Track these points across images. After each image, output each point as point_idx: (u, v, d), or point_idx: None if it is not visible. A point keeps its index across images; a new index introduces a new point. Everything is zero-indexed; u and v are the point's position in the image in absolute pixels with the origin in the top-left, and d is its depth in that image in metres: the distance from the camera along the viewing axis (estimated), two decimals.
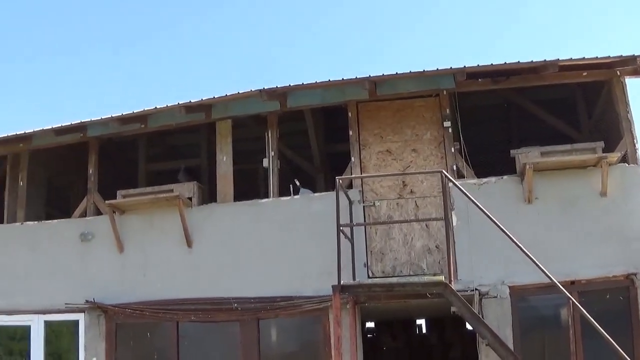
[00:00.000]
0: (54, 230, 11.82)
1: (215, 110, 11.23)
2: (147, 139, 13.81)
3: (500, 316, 9.37)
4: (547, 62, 9.64)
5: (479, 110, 12.41)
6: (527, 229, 9.47)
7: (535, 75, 10.14)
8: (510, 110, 13.01)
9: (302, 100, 10.90)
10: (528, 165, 9.44)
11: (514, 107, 12.76)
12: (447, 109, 10.45)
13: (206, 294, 10.47)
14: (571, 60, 9.68)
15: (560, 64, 9.70)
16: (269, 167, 10.95)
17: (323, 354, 9.83)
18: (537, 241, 9.35)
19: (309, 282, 10.03)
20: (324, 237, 9.90)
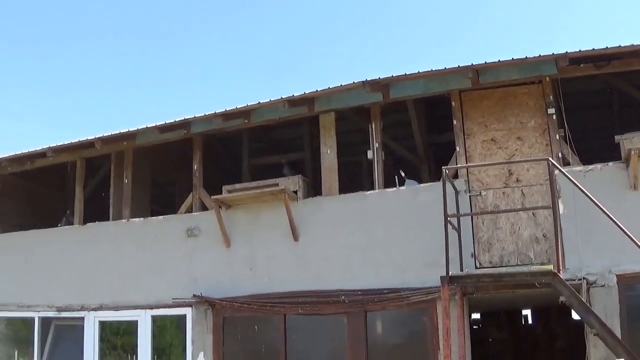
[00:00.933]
0: (160, 227, 12.50)
1: (318, 103, 11.58)
2: (250, 134, 14.32)
3: (607, 305, 9.46)
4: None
5: (582, 96, 12.46)
6: (634, 216, 9.53)
7: (637, 59, 10.11)
8: (612, 95, 12.95)
9: (405, 91, 11.09)
10: (633, 151, 9.47)
11: (616, 92, 12.73)
12: (550, 96, 10.57)
13: (313, 287, 10.92)
14: None
15: None
16: (373, 159, 11.23)
17: (430, 346, 10.09)
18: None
19: (416, 273, 10.34)
20: (430, 228, 10.25)
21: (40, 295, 13.33)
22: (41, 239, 13.72)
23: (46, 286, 13.33)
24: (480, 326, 15.96)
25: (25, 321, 13.53)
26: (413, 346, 10.54)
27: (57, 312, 13.13)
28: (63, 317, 13.11)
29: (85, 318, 12.76)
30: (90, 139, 12.64)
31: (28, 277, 13.62)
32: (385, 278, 10.58)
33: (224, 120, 11.81)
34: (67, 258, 13.24)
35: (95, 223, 13.26)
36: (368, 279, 10.67)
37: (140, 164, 13.62)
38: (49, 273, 13.37)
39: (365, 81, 10.63)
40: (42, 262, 13.55)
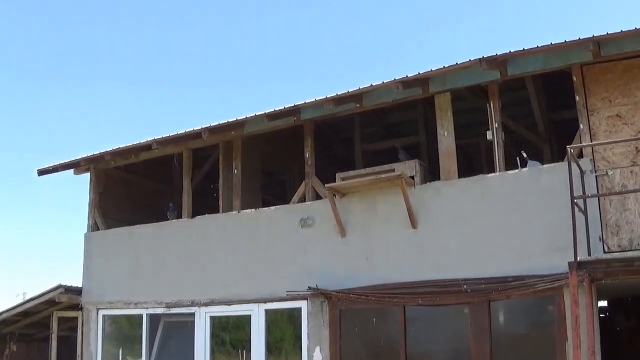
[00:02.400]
0: (272, 217, 13.00)
1: (433, 83, 11.82)
2: (362, 119, 14.67)
3: None
4: None
5: None
6: None
7: None
8: None
9: (524, 67, 11.19)
10: None
11: None
12: None
13: (433, 276, 11.18)
14: None
15: None
16: (493, 140, 11.38)
17: (558, 336, 10.22)
18: None
19: (541, 259, 10.45)
20: (554, 211, 10.42)
21: (149, 292, 14.04)
22: (148, 233, 14.43)
23: (154, 282, 14.02)
24: (607, 314, 15.95)
25: (132, 318, 14.18)
26: (539, 336, 10.62)
27: (167, 309, 13.78)
28: (172, 313, 13.73)
29: (196, 314, 13.33)
30: (197, 129, 13.14)
31: (135, 273, 14.33)
32: (508, 265, 10.69)
33: (335, 104, 12.10)
34: (176, 252, 13.91)
35: (204, 216, 13.79)
36: (490, 267, 10.81)
37: (250, 153, 14.06)
38: (157, 269, 14.12)
39: (482, 58, 10.78)
40: (150, 258, 14.27)
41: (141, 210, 15.85)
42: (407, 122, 15.23)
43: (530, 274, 10.52)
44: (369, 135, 15.48)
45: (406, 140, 14.83)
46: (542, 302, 10.58)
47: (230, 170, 13.87)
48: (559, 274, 10.18)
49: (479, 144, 14.36)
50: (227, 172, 13.89)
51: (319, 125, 13.82)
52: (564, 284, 10.04)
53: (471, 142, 14.14)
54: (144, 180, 16.53)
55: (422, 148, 14.72)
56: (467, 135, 13.67)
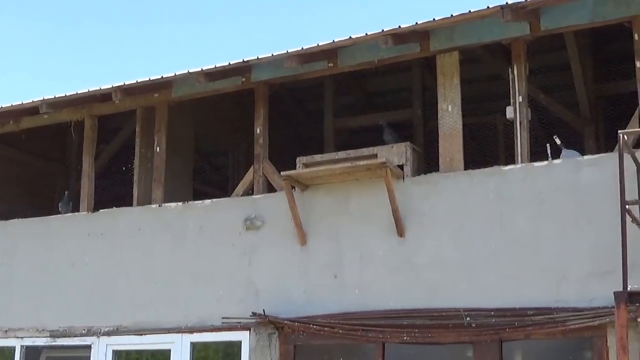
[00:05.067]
0: (206, 214, 12.79)
1: (435, 38, 11.60)
2: (337, 84, 14.59)
3: None
4: None
5: None
6: None
7: None
8: None
9: (563, 19, 10.99)
10: None
11: None
12: None
13: (425, 304, 10.94)
14: None
15: None
16: (515, 119, 11.20)
17: None
18: None
19: (576, 286, 10.19)
20: (597, 220, 10.18)
21: (25, 315, 13.74)
22: (29, 231, 14.16)
23: (34, 301, 13.72)
24: None
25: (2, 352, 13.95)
26: None
27: (51, 339, 13.46)
28: (59, 345, 13.44)
29: (93, 346, 13.05)
30: (105, 89, 12.92)
31: (7, 288, 14.07)
32: (530, 293, 10.50)
33: (300, 62, 11.92)
34: (68, 259, 13.60)
35: (111, 209, 13.58)
36: (505, 294, 10.63)
37: (179, 125, 13.95)
38: (40, 282, 13.76)
39: (505, 5, 10.55)
40: (30, 266, 13.95)
41: (21, 199, 15.79)
42: (398, 91, 15.31)
43: (559, 305, 10.28)
44: (344, 107, 15.53)
45: (395, 116, 14.77)
46: (576, 345, 10.47)
47: (150, 148, 13.71)
48: (600, 307, 9.91)
49: (495, 124, 14.41)
50: (145, 150, 13.77)
51: (277, 90, 13.69)
52: (608, 321, 9.74)
53: (485, 121, 14.20)
54: (27, 157, 16.43)
55: (417, 127, 14.68)
56: (480, 112, 13.76)
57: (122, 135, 14.85)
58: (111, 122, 14.65)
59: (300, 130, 16.15)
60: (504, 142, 13.99)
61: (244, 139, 14.15)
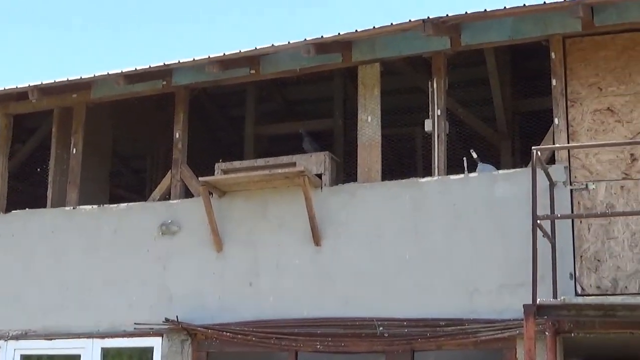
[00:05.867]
0: (121, 218, 12.67)
1: (357, 49, 11.68)
2: (258, 91, 14.57)
3: None
4: None
5: None
6: None
7: None
8: None
9: (484, 35, 11.14)
10: None
11: None
12: None
13: (339, 313, 11.04)
14: None
15: None
16: (433, 132, 11.28)
17: None
18: None
19: (488, 299, 10.39)
20: (509, 233, 10.34)
21: None
22: None
23: None
24: None
25: None
26: None
27: None
28: None
29: (0, 350, 12.81)
30: (22, 88, 12.73)
31: None
32: (443, 304, 10.65)
33: (221, 68, 11.88)
34: None
35: (24, 210, 13.40)
36: (418, 304, 10.75)
37: (97, 127, 13.77)
38: None
39: (427, 20, 10.68)
40: None
41: None
42: (319, 100, 15.28)
43: (471, 317, 10.45)
44: (266, 114, 15.49)
45: (316, 125, 14.81)
46: (486, 356, 10.57)
47: (66, 149, 13.51)
48: (511, 320, 10.07)
49: (414, 137, 14.48)
50: (61, 150, 13.57)
51: (199, 95, 13.68)
52: (517, 333, 9.92)
53: (405, 132, 14.26)
54: None
55: (337, 137, 14.71)
56: (400, 124, 13.78)
57: (38, 136, 14.64)
58: (28, 121, 14.46)
59: (221, 136, 16.05)
60: (423, 155, 14.05)
61: (163, 143, 13.99)
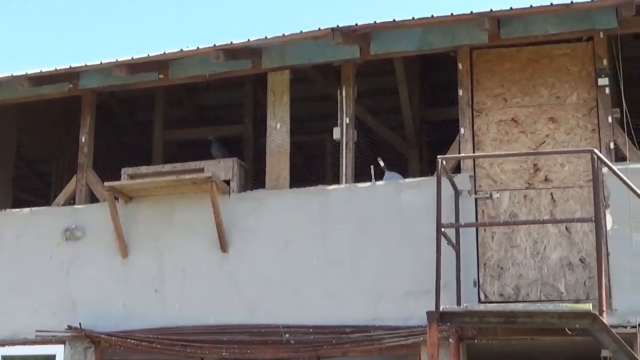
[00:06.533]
0: (24, 223, 12.51)
1: (267, 56, 11.76)
2: (167, 96, 14.47)
3: None
4: None
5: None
6: None
7: None
8: None
9: (393, 45, 11.31)
10: None
11: None
12: (604, 60, 10.65)
13: (246, 320, 11.06)
14: None
15: None
16: (341, 140, 11.40)
17: None
18: None
19: (394, 305, 10.50)
20: (416, 242, 10.46)
21: None
22: None
23: None
24: None
25: None
26: None
27: None
28: None
29: None
30: None
31: None
32: (349, 310, 10.71)
33: (129, 72, 11.81)
34: None
35: None
36: (325, 311, 10.81)
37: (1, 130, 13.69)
38: None
39: (336, 28, 10.80)
40: None
41: None
42: (229, 106, 15.20)
43: (376, 324, 10.55)
44: (175, 119, 15.35)
45: (226, 131, 14.80)
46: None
47: None
48: (415, 326, 10.20)
49: (324, 144, 14.53)
50: None
51: (106, 99, 13.59)
52: (422, 340, 9.99)
53: (315, 140, 14.31)
54: None
55: (247, 143, 14.70)
56: (310, 131, 13.84)
57: None
58: None
59: (129, 141, 15.88)
60: (332, 162, 13.99)
61: (70, 146, 13.75)
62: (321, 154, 14.72)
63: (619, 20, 10.40)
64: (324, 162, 14.64)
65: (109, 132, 14.13)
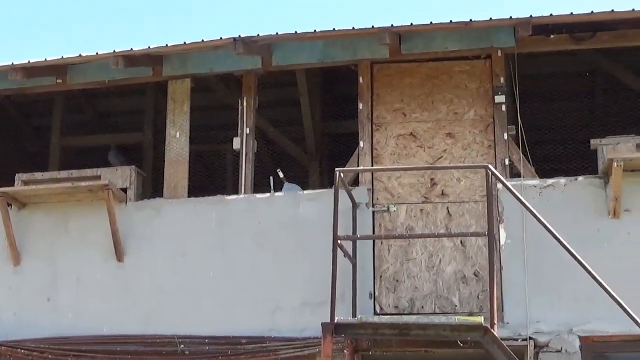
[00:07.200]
0: None
1: (168, 64, 11.78)
2: (67, 101, 14.24)
3: None
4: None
5: (549, 81, 12.97)
6: (611, 254, 9.96)
7: (638, 32, 10.56)
8: (595, 81, 13.39)
9: (295, 57, 11.45)
10: (616, 163, 9.70)
11: (601, 77, 13.17)
12: (501, 78, 10.91)
13: (141, 330, 10.98)
14: None
15: None
16: (241, 150, 11.43)
17: None
18: (626, 273, 9.78)
19: (290, 317, 10.61)
20: (313, 253, 10.57)
21: None
22: None
23: None
24: None
25: None
26: None
27: None
28: None
29: None
30: None
31: None
32: (245, 322, 10.76)
33: (26, 76, 11.70)
34: None
35: None
36: (221, 322, 10.83)
37: None
38: None
39: (238, 38, 10.87)
40: None
41: None
42: (130, 113, 14.96)
43: (273, 335, 10.63)
44: (74, 125, 14.97)
45: (126, 138, 14.64)
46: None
47: None
48: (311, 338, 10.26)
49: (225, 154, 14.41)
50: None
51: (2, 103, 13.47)
52: (317, 351, 10.01)
53: (216, 149, 14.26)
54: None
55: (147, 151, 14.48)
56: (212, 141, 13.79)
57: None
58: None
59: (26, 146, 15.58)
60: (232, 172, 13.86)
61: None
62: (222, 164, 14.68)
63: (516, 39, 10.67)
64: (225, 172, 14.60)
65: (4, 136, 14.00)
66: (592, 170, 10.61)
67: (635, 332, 9.11)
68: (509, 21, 10.40)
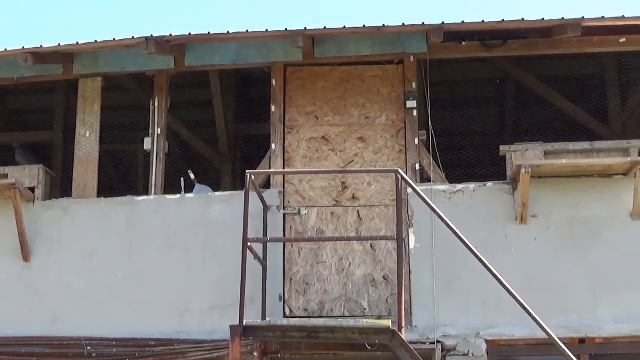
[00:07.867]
0: None
1: (79, 62, 11.68)
2: None
3: None
4: (566, 21, 10.24)
5: (460, 87, 13.31)
6: (519, 260, 10.25)
7: (547, 41, 10.84)
8: (505, 88, 13.77)
9: (208, 58, 11.45)
10: (524, 169, 9.90)
11: (512, 85, 13.55)
12: (413, 83, 11.09)
13: (48, 332, 10.90)
14: (603, 19, 10.28)
15: (586, 25, 10.27)
16: (152, 150, 11.44)
17: None
18: (533, 279, 10.12)
19: (199, 319, 10.64)
20: (223, 256, 10.64)
21: None
22: None
23: None
24: None
25: None
26: None
27: None
28: None
29: None
30: None
31: None
32: (154, 324, 10.75)
33: None
34: None
35: None
36: (129, 324, 10.80)
37: None
38: None
39: (150, 38, 10.82)
40: None
41: None
42: (40, 112, 14.86)
43: (181, 337, 10.61)
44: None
45: (35, 137, 14.47)
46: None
47: None
48: (220, 340, 10.27)
49: (136, 154, 14.29)
50: None
51: None
52: (227, 354, 9.93)
53: (128, 149, 14.22)
54: None
55: (57, 150, 14.30)
56: (124, 140, 13.74)
57: None
58: None
59: None
60: (143, 173, 13.75)
61: None
62: (133, 164, 14.61)
63: (428, 45, 10.85)
64: (136, 172, 14.51)
65: None
66: (502, 176, 10.78)
67: (540, 337, 9.25)
68: (422, 27, 10.53)
